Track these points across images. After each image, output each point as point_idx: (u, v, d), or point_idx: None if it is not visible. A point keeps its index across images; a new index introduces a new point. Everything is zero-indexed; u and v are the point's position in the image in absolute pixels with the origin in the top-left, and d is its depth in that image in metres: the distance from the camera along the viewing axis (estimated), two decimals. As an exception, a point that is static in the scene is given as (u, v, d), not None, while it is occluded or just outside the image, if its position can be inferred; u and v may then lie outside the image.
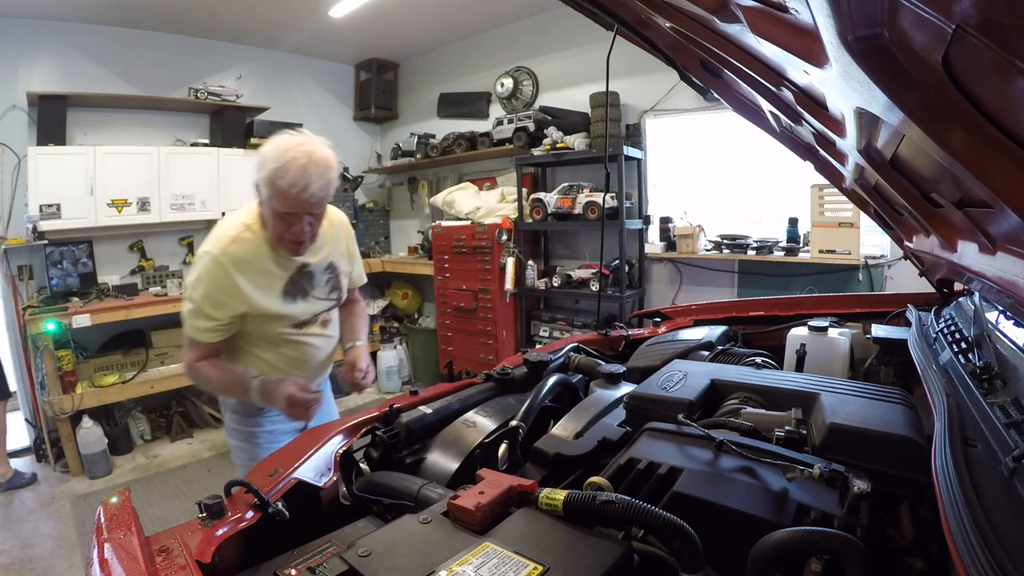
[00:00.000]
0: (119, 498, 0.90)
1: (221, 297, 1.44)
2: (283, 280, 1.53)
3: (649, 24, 1.21)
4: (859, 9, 0.49)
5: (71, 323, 3.62)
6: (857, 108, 0.73)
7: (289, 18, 4.54)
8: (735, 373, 1.24)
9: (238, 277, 1.44)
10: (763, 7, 0.66)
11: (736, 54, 0.93)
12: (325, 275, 1.64)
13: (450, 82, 5.42)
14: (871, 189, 1.29)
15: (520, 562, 0.62)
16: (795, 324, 1.71)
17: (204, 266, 1.44)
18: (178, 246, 4.78)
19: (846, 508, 0.73)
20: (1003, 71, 0.42)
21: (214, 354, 1.53)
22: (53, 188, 3.86)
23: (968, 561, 0.54)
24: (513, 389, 1.43)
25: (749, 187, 3.85)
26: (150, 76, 4.54)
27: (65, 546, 2.90)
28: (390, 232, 6.26)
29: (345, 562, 0.67)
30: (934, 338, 1.27)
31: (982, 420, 0.80)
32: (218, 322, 1.46)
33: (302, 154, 1.37)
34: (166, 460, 3.98)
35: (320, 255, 1.60)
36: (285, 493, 0.94)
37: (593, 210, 3.91)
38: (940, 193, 0.86)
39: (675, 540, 0.65)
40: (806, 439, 0.94)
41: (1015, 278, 0.79)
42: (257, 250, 1.48)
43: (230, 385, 1.52)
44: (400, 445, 1.15)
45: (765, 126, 1.54)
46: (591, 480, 0.78)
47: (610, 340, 1.91)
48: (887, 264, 3.25)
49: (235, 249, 1.44)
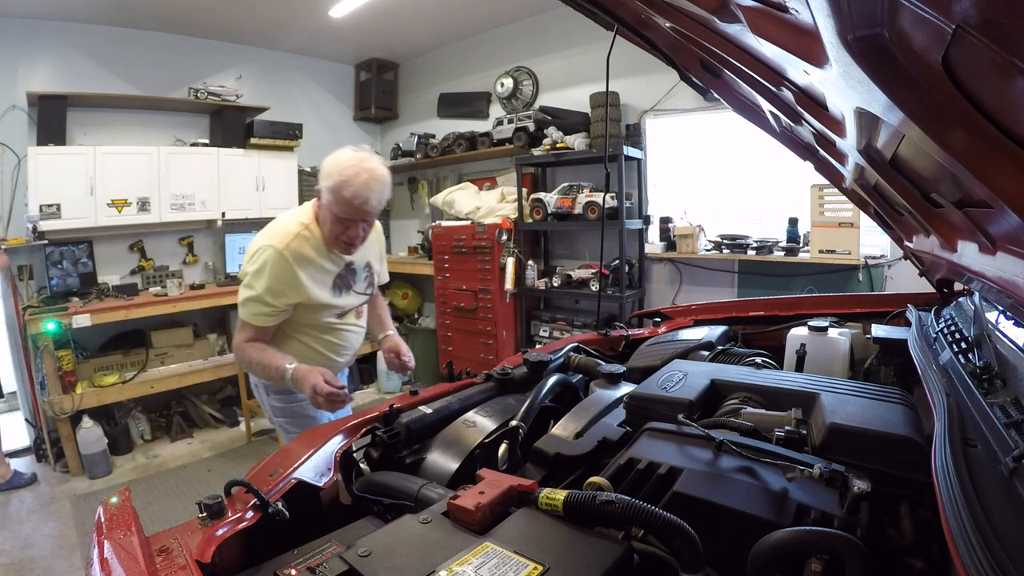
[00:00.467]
0: (119, 498, 0.90)
1: (281, 287, 1.64)
2: (333, 275, 1.76)
3: (649, 24, 1.21)
4: (859, 9, 0.49)
5: (71, 323, 3.62)
6: (857, 108, 0.73)
7: (289, 18, 4.54)
8: (735, 373, 1.24)
9: (299, 271, 1.64)
10: (763, 7, 0.66)
11: (736, 54, 0.93)
12: (364, 272, 1.88)
13: (450, 82, 5.42)
14: (871, 189, 1.29)
15: (520, 562, 0.62)
16: (795, 324, 1.71)
17: (268, 258, 1.62)
18: (178, 246, 4.77)
19: (846, 508, 0.73)
20: (1003, 71, 0.42)
21: (263, 338, 1.72)
22: (53, 188, 3.85)
23: (968, 561, 0.54)
24: (513, 389, 1.43)
25: (749, 187, 3.84)
26: (150, 76, 4.54)
27: (65, 546, 2.90)
28: (390, 232, 6.26)
29: (345, 562, 0.67)
30: (934, 338, 1.27)
31: (982, 420, 0.80)
32: (274, 308, 1.66)
33: (365, 170, 1.59)
34: (166, 460, 3.98)
35: (361, 256, 1.84)
36: (285, 493, 0.93)
37: (593, 210, 3.91)
38: (940, 193, 0.87)
39: (675, 540, 0.65)
40: (806, 439, 0.94)
41: (1015, 278, 0.79)
42: (314, 247, 1.69)
43: (268, 368, 1.66)
44: (400, 445, 1.15)
45: (765, 126, 1.54)
46: (591, 480, 0.78)
47: (610, 340, 1.91)
48: (887, 264, 3.25)
49: (296, 245, 1.65)
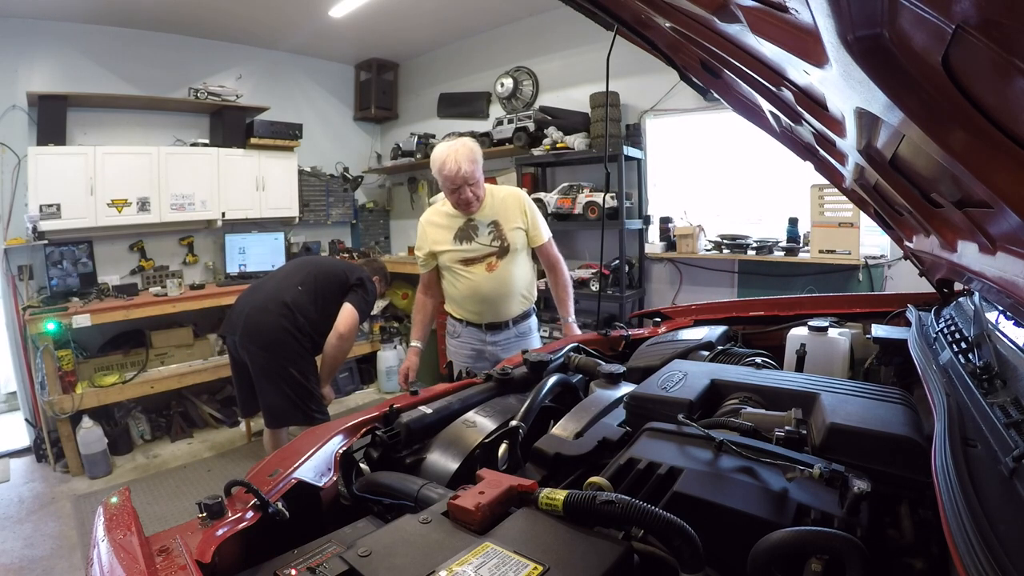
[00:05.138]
0: (119, 498, 0.90)
1: (419, 242, 2.46)
2: (454, 229, 2.35)
3: (649, 24, 1.21)
4: (859, 9, 0.49)
5: (71, 323, 3.62)
6: (857, 108, 0.73)
7: (289, 18, 4.54)
8: (735, 373, 1.24)
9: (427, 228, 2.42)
10: (763, 7, 0.66)
11: (736, 54, 0.93)
12: (488, 228, 2.35)
13: (450, 82, 5.42)
14: (871, 189, 1.29)
15: (520, 562, 0.62)
16: (795, 324, 1.71)
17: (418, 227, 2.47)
18: (178, 246, 4.77)
19: (846, 508, 0.73)
20: (1003, 71, 0.42)
21: (430, 282, 2.53)
22: (53, 188, 3.85)
23: (968, 561, 0.54)
24: (513, 389, 1.43)
25: (749, 187, 3.84)
26: (150, 76, 4.54)
27: (65, 546, 2.90)
28: (390, 232, 6.27)
29: (345, 562, 0.67)
30: (934, 338, 1.27)
31: (982, 420, 0.80)
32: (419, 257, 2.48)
33: (451, 151, 2.20)
34: (166, 460, 3.98)
35: (485, 215, 2.35)
36: (285, 493, 0.93)
37: (593, 210, 3.91)
38: (940, 193, 0.86)
39: (675, 540, 0.65)
40: (806, 439, 0.94)
41: (1015, 278, 0.79)
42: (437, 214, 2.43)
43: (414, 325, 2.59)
44: (400, 445, 1.15)
45: (765, 126, 1.54)
46: (591, 480, 0.78)
47: (610, 340, 1.91)
48: (887, 264, 3.25)
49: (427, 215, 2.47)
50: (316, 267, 2.97)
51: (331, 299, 2.81)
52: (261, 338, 2.67)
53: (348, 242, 5.88)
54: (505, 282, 2.35)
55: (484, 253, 2.34)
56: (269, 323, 2.67)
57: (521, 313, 2.44)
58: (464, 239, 2.34)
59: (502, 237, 2.35)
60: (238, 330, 2.72)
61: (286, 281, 2.84)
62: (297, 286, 2.80)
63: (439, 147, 2.25)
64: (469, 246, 2.34)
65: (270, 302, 2.72)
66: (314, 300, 2.79)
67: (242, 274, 4.77)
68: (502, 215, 2.35)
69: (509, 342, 2.41)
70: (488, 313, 2.38)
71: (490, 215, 2.34)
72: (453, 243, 2.34)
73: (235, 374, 2.94)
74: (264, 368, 2.69)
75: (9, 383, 4.54)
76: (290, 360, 2.69)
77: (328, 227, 5.66)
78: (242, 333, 2.70)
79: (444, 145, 2.25)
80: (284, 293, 2.76)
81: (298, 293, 2.77)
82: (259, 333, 2.68)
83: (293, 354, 2.71)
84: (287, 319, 2.69)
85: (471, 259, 2.34)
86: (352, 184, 5.64)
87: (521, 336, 2.45)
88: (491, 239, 2.35)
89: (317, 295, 2.80)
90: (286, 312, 2.70)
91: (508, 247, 2.35)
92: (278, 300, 2.72)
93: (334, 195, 5.53)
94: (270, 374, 2.69)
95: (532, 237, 2.42)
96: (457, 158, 2.16)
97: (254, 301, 2.77)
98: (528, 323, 2.49)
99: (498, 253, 2.34)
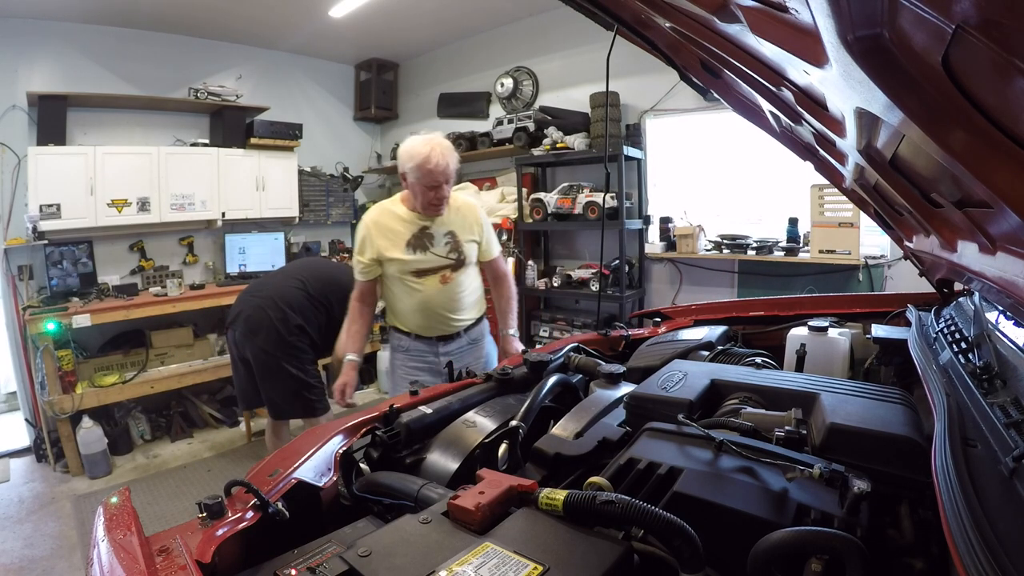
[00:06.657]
0: (119, 498, 0.90)
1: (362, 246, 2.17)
2: (407, 236, 2.13)
3: (649, 24, 1.21)
4: (859, 9, 0.49)
5: (71, 323, 3.62)
6: (857, 108, 0.73)
7: (289, 18, 4.54)
8: (735, 373, 1.24)
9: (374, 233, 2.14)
10: (763, 7, 0.66)
11: (736, 54, 0.93)
12: (444, 238, 2.18)
13: (450, 82, 5.42)
14: (871, 189, 1.29)
15: (520, 562, 0.62)
16: (795, 324, 1.71)
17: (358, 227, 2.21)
18: (178, 246, 4.77)
19: (846, 508, 0.73)
20: (1003, 71, 0.42)
21: (367, 291, 2.26)
22: (53, 188, 3.85)
23: (968, 561, 0.54)
24: (513, 389, 1.43)
25: (749, 187, 3.85)
26: (150, 76, 4.54)
27: (65, 546, 2.90)
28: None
29: (345, 562, 0.67)
30: (934, 338, 1.27)
31: (982, 420, 0.80)
32: (362, 263, 2.18)
33: (436, 145, 2.04)
34: (166, 460, 3.98)
35: (440, 224, 2.17)
36: (285, 493, 0.93)
37: (593, 210, 3.91)
38: (940, 193, 0.86)
39: (675, 540, 0.65)
40: (806, 439, 0.94)
41: (1015, 278, 0.79)
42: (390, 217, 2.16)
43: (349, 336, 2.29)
44: (400, 445, 1.15)
45: (765, 126, 1.54)
46: (591, 480, 0.78)
47: (610, 340, 1.91)
48: (887, 264, 3.25)
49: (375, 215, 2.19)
50: (317, 268, 3.06)
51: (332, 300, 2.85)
52: (260, 336, 2.75)
53: (348, 242, 5.87)
54: (456, 296, 2.21)
55: (439, 265, 2.17)
56: (268, 321, 2.75)
57: (474, 321, 2.32)
58: (418, 248, 2.14)
59: (459, 249, 2.20)
60: (239, 327, 2.82)
61: (287, 281, 2.91)
62: (297, 287, 2.86)
63: (415, 140, 2.06)
64: (423, 256, 2.14)
65: (269, 301, 2.80)
66: (313, 300, 2.86)
67: (242, 274, 4.77)
68: (459, 226, 2.20)
69: (462, 350, 2.28)
70: (439, 327, 2.23)
71: (447, 224, 2.18)
72: (406, 251, 2.12)
73: (235, 368, 3.02)
74: (265, 364, 2.78)
75: (9, 383, 4.54)
76: (288, 357, 2.76)
77: (328, 227, 5.66)
78: (242, 330, 2.80)
79: (420, 139, 2.06)
80: (284, 292, 2.83)
81: (298, 293, 2.84)
82: (258, 331, 2.76)
83: (291, 351, 2.77)
84: (285, 318, 2.76)
85: (424, 271, 2.15)
86: (352, 184, 5.63)
87: (474, 343, 2.34)
88: (447, 250, 2.18)
89: (317, 295, 2.87)
90: (285, 311, 2.77)
91: (464, 260, 2.21)
92: (277, 299, 2.80)
93: (334, 195, 5.53)
94: (271, 370, 2.78)
95: (484, 251, 2.30)
96: (443, 152, 2.03)
97: (254, 300, 2.85)
98: (480, 328, 2.37)
99: (453, 266, 2.19)
